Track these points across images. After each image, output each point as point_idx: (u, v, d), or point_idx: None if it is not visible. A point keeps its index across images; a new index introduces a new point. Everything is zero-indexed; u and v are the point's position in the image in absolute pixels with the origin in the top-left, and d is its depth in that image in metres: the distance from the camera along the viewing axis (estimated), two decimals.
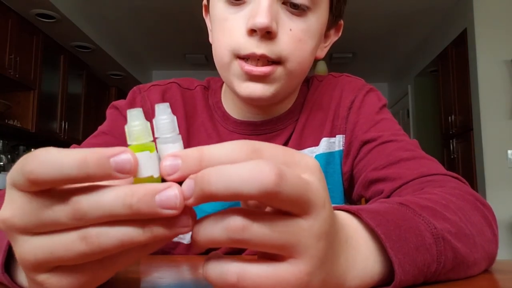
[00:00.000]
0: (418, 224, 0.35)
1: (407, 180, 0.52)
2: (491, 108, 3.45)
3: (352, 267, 0.30)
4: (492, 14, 3.55)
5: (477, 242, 0.39)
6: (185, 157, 0.23)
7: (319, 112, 0.66)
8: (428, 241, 0.34)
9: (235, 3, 0.54)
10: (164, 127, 0.24)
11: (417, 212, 0.36)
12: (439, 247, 0.34)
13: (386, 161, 0.57)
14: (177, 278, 0.44)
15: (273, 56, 0.52)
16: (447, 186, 0.48)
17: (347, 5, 0.64)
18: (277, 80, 0.54)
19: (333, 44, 0.66)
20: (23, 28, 3.51)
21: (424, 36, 4.75)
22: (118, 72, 5.14)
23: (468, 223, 0.39)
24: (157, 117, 0.25)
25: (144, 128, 0.24)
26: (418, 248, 0.33)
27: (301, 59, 0.55)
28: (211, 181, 0.22)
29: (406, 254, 0.32)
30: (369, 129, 0.61)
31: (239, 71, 0.54)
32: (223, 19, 0.55)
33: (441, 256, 0.35)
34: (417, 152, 0.57)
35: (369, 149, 0.60)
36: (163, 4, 3.95)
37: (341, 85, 0.67)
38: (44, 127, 3.87)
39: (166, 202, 0.22)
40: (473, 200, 0.44)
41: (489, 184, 3.39)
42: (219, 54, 0.56)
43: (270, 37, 0.52)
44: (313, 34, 0.56)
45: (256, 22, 0.50)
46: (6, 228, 0.24)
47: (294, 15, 0.54)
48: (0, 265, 0.30)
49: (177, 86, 0.67)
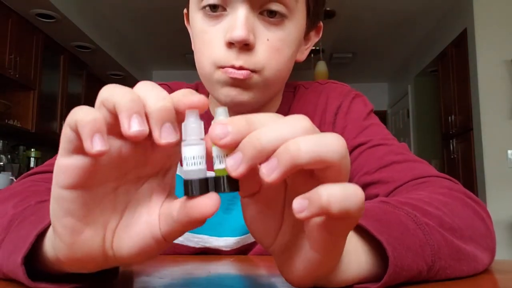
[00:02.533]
0: (399, 216, 0.36)
1: (401, 183, 0.53)
2: (491, 108, 3.45)
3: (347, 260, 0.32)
4: (492, 14, 3.55)
5: (465, 235, 0.40)
6: (233, 122, 0.26)
7: None
8: (411, 227, 0.36)
9: (212, 15, 0.55)
10: (192, 130, 0.27)
11: (397, 207, 0.38)
12: (425, 231, 0.36)
13: (377, 164, 0.57)
14: (177, 278, 0.44)
15: (250, 67, 0.54)
16: (436, 186, 0.49)
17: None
18: (254, 87, 0.56)
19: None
20: (23, 28, 3.51)
21: (424, 36, 4.75)
22: (118, 72, 5.14)
23: (455, 217, 0.40)
24: (186, 120, 0.27)
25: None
26: (403, 233, 0.34)
27: (278, 67, 0.56)
28: (301, 147, 0.25)
29: (393, 237, 0.34)
30: (358, 134, 0.62)
31: (222, 77, 0.55)
32: (203, 32, 0.56)
33: (431, 239, 0.36)
34: (408, 155, 0.58)
35: (359, 152, 0.60)
36: (163, 4, 3.95)
37: (327, 92, 0.67)
38: (44, 127, 3.86)
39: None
40: (462, 197, 0.45)
41: (489, 184, 3.39)
42: (201, 64, 0.57)
43: (248, 48, 0.53)
44: (290, 42, 0.57)
45: (234, 35, 0.52)
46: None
47: (272, 25, 0.55)
48: (21, 257, 0.32)
49: (167, 88, 0.69)
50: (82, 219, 0.28)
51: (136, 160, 0.29)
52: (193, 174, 0.26)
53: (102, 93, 0.27)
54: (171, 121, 0.26)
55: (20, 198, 0.42)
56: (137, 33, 4.74)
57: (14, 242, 0.35)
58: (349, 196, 0.25)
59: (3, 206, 0.42)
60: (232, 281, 0.44)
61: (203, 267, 0.50)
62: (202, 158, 0.26)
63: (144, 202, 0.30)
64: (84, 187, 0.27)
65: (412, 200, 0.40)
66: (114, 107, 0.26)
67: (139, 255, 0.30)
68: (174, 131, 0.26)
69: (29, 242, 0.32)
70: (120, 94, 0.26)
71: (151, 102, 0.26)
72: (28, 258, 0.33)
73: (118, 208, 0.30)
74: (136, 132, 0.25)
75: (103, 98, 0.27)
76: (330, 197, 0.24)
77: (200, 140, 0.26)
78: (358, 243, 0.34)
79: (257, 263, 0.54)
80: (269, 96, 0.61)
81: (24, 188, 0.47)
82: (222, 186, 0.26)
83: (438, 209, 0.39)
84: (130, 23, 4.48)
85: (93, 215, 0.28)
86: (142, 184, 0.30)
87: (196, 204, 0.26)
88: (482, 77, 3.50)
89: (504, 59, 3.48)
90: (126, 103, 0.26)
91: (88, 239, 0.28)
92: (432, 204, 0.40)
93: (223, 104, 0.59)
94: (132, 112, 0.25)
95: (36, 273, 0.34)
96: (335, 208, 0.24)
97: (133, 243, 0.29)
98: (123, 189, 0.30)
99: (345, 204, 0.25)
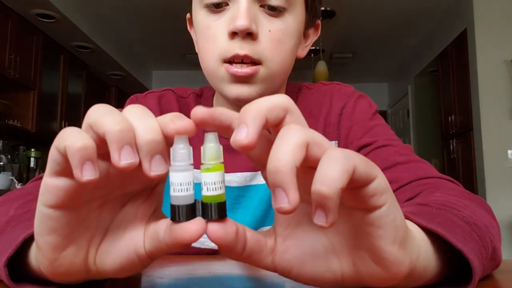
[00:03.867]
0: (448, 215, 0.35)
1: (404, 183, 0.53)
2: (491, 108, 3.45)
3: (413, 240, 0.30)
4: (492, 14, 3.55)
5: (494, 236, 0.39)
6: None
7: (310, 121, 0.66)
8: (467, 229, 0.34)
9: (215, 11, 0.56)
10: (180, 156, 0.26)
11: (439, 208, 0.37)
12: (477, 232, 0.35)
13: (382, 165, 0.57)
14: (177, 278, 0.44)
15: (255, 56, 0.55)
16: (445, 188, 0.49)
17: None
18: (260, 81, 0.57)
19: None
20: (23, 28, 3.51)
21: (424, 36, 4.75)
22: (118, 72, 5.14)
23: (481, 218, 0.40)
24: (174, 146, 0.26)
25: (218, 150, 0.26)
26: (464, 236, 0.33)
27: (282, 58, 0.58)
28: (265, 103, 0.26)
29: (458, 235, 0.32)
30: (364, 135, 0.62)
31: (227, 74, 0.56)
32: (206, 27, 0.57)
33: (484, 240, 0.35)
34: (412, 156, 0.58)
35: (365, 154, 0.60)
36: (163, 4, 3.95)
37: (331, 93, 0.68)
38: (44, 127, 3.86)
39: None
40: (472, 197, 0.46)
41: (489, 184, 3.39)
42: (206, 61, 0.58)
43: (251, 38, 0.54)
44: (291, 34, 0.58)
45: (237, 24, 0.53)
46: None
47: (272, 17, 0.56)
48: (5, 259, 0.32)
49: (172, 93, 0.69)
50: (65, 237, 0.28)
51: (123, 179, 0.29)
52: (180, 200, 0.26)
53: (91, 115, 0.26)
54: (161, 153, 0.26)
55: (24, 201, 0.43)
56: (137, 33, 4.74)
57: (3, 243, 0.35)
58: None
59: (7, 206, 0.42)
60: (233, 281, 0.44)
61: (204, 267, 0.50)
62: (190, 185, 0.26)
63: (130, 218, 0.30)
64: (69, 207, 0.27)
65: (445, 202, 0.39)
66: (104, 134, 0.25)
67: (122, 271, 0.30)
68: (163, 163, 0.26)
69: (15, 245, 0.32)
70: (110, 122, 0.25)
71: (141, 133, 0.26)
72: (16, 260, 0.33)
73: (102, 225, 0.30)
74: (127, 164, 0.25)
75: (92, 122, 0.26)
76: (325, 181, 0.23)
77: (189, 165, 0.26)
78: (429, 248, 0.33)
79: None
80: (273, 91, 0.61)
81: (32, 191, 0.48)
82: (209, 213, 0.26)
83: (467, 209, 0.39)
84: (130, 23, 4.48)
85: (77, 232, 0.28)
86: (128, 200, 0.30)
87: (181, 228, 0.26)
88: (482, 77, 3.50)
89: (504, 59, 3.48)
90: (116, 133, 0.25)
91: (71, 256, 0.28)
92: (459, 205, 0.39)
93: (231, 101, 0.60)
94: (123, 144, 0.25)
95: (22, 276, 0.34)
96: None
97: (116, 259, 0.29)
98: (109, 206, 0.30)
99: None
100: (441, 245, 0.33)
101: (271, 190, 0.24)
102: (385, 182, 0.26)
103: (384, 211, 0.26)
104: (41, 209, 0.28)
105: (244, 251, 0.28)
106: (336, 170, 0.23)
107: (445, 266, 0.34)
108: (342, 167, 0.23)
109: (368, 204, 0.26)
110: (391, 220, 0.26)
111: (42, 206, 0.27)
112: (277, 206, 0.23)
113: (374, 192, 0.25)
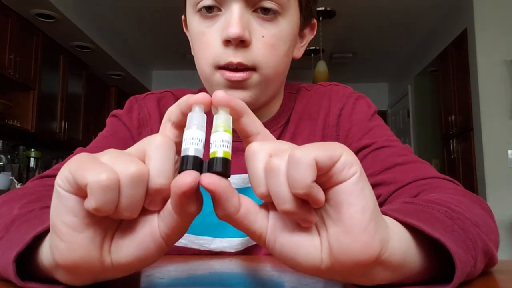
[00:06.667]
0: (432, 213, 0.35)
1: (403, 184, 0.54)
2: (491, 108, 3.45)
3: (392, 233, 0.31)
4: (492, 14, 3.55)
5: (485, 230, 0.39)
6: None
7: (308, 122, 0.66)
8: (449, 223, 0.34)
9: (208, 16, 0.56)
10: (196, 118, 0.29)
11: (424, 205, 0.37)
12: (461, 226, 0.35)
13: (381, 166, 0.58)
14: (177, 277, 0.44)
15: (249, 63, 0.55)
16: (443, 187, 0.49)
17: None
18: (253, 86, 0.57)
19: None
20: (23, 28, 3.51)
21: (424, 36, 4.75)
22: (118, 72, 5.14)
23: (472, 214, 0.39)
24: (191, 112, 0.29)
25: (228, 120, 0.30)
26: (445, 229, 0.33)
27: (276, 63, 0.57)
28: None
29: (439, 229, 0.33)
30: (363, 136, 0.62)
31: (222, 80, 0.56)
32: (200, 33, 0.57)
33: (469, 233, 0.35)
34: (411, 156, 0.59)
35: (364, 155, 0.60)
36: (163, 4, 3.95)
37: (329, 94, 0.67)
38: (44, 127, 3.86)
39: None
40: (468, 195, 0.46)
41: (489, 184, 3.39)
42: (201, 66, 0.59)
43: (244, 45, 0.55)
44: (285, 38, 0.58)
45: (229, 32, 0.53)
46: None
47: (266, 21, 0.56)
48: (14, 254, 0.32)
49: (171, 95, 0.70)
50: (83, 219, 0.28)
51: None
52: (189, 151, 0.27)
53: (105, 160, 0.28)
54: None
55: (27, 200, 0.43)
56: (137, 33, 4.74)
57: (11, 241, 0.35)
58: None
59: (10, 205, 0.42)
60: (232, 280, 0.44)
61: (203, 267, 0.50)
62: (200, 141, 0.28)
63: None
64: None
65: (434, 199, 0.40)
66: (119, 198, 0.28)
67: (138, 260, 0.30)
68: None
69: (25, 241, 0.32)
70: (125, 196, 0.28)
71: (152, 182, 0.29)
72: (23, 259, 0.33)
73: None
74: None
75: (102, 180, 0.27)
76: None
77: (202, 127, 0.28)
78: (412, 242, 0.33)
79: (257, 262, 0.54)
80: (269, 95, 0.61)
81: (34, 191, 0.48)
82: (214, 165, 0.27)
83: (458, 206, 0.39)
84: (130, 23, 4.48)
85: (94, 216, 0.28)
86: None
87: (177, 179, 0.26)
88: (482, 77, 3.50)
89: (504, 59, 3.48)
90: (126, 207, 0.28)
91: (87, 241, 0.28)
92: (450, 202, 0.39)
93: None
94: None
95: (29, 275, 0.34)
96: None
97: (132, 247, 0.29)
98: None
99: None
100: (428, 243, 0.33)
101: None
102: (351, 157, 0.28)
103: (355, 179, 0.27)
104: (59, 190, 0.28)
105: (241, 208, 0.29)
106: (299, 171, 0.26)
107: (434, 264, 0.34)
108: (303, 165, 0.26)
109: (340, 178, 0.27)
110: (360, 188, 0.28)
111: (59, 188, 0.28)
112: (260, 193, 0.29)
113: (342, 167, 0.27)
